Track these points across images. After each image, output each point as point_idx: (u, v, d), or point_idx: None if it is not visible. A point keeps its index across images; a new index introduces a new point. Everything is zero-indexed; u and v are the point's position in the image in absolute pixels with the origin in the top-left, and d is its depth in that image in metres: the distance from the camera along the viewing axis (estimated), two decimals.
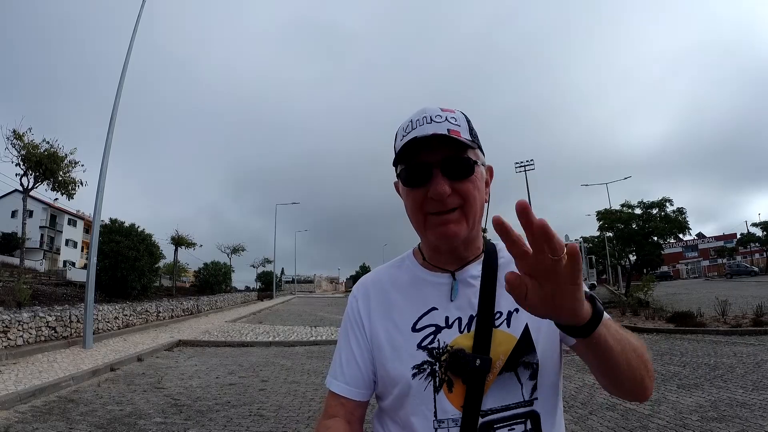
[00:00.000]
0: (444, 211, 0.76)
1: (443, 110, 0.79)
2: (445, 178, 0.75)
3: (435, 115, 0.77)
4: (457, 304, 0.80)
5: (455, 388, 0.74)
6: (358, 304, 0.88)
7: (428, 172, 0.75)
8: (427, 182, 0.75)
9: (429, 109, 0.79)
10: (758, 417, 4.05)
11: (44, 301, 11.34)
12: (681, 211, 19.07)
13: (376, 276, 0.92)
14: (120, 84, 10.74)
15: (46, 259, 39.07)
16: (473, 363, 0.73)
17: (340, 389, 0.84)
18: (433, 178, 0.75)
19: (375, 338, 0.83)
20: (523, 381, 0.75)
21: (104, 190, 10.16)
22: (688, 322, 10.67)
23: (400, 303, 0.84)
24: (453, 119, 0.78)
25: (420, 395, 0.76)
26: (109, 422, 4.48)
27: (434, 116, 0.77)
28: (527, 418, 0.74)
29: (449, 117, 0.78)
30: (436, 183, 0.74)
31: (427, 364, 0.76)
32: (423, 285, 0.85)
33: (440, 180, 0.74)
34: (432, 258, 0.86)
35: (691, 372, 6.09)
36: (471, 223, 0.78)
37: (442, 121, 0.76)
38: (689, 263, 62.69)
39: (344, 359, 0.86)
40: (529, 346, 0.76)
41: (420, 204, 0.77)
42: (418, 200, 0.77)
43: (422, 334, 0.79)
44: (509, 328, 0.78)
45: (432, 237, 0.79)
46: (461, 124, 0.78)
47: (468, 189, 0.76)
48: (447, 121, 0.77)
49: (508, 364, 0.75)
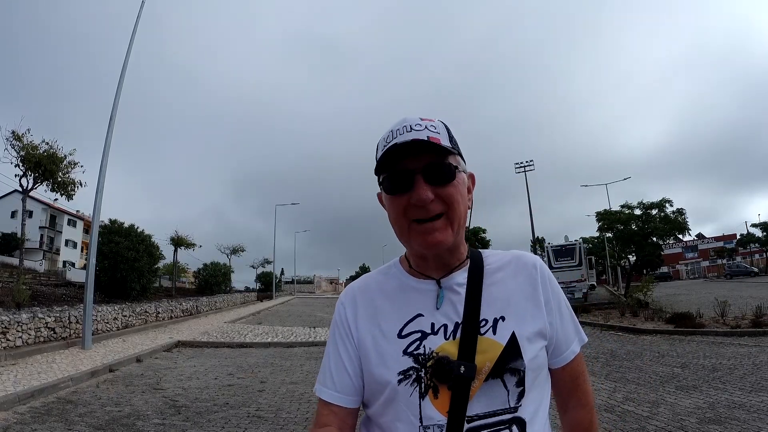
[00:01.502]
0: (428, 218, 0.77)
1: (423, 119, 0.80)
2: (428, 184, 0.76)
3: (415, 124, 0.79)
4: (443, 312, 0.81)
5: (441, 395, 0.74)
6: (346, 310, 0.88)
7: (410, 179, 0.76)
8: (410, 189, 0.76)
9: (409, 119, 0.80)
10: (756, 419, 4.05)
11: (43, 301, 11.35)
12: (680, 211, 19.11)
13: (364, 283, 0.92)
14: (119, 84, 10.75)
15: (45, 259, 39.07)
16: (458, 370, 0.74)
17: (330, 397, 0.83)
18: (415, 184, 0.76)
19: (362, 344, 0.83)
20: (510, 387, 0.76)
21: (104, 191, 10.17)
22: (687, 323, 10.68)
23: (387, 309, 0.85)
24: (433, 127, 0.79)
25: (406, 401, 0.76)
26: (107, 423, 4.48)
27: (414, 125, 0.78)
28: (513, 423, 0.75)
29: (429, 125, 0.79)
30: (418, 189, 0.75)
31: (413, 370, 0.77)
32: (409, 292, 0.85)
33: (423, 186, 0.75)
34: (418, 265, 0.86)
35: (690, 373, 6.09)
36: (456, 229, 0.79)
37: (422, 129, 0.77)
38: (689, 264, 62.71)
39: (333, 366, 0.85)
40: (515, 353, 0.77)
41: (403, 211, 0.78)
42: (400, 207, 0.78)
43: (408, 340, 0.79)
44: (495, 335, 0.78)
45: (416, 245, 0.80)
46: (441, 132, 0.79)
47: (451, 194, 0.77)
48: (427, 129, 0.78)
49: (494, 370, 0.75)
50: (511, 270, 0.87)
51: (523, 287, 0.85)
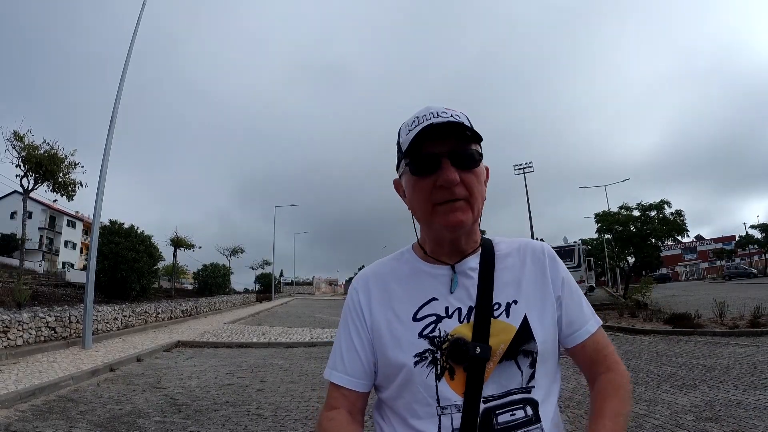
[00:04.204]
0: (451, 200, 0.78)
1: (447, 108, 0.82)
2: (453, 167, 0.78)
3: (440, 111, 0.81)
4: (457, 295, 0.83)
5: (456, 376, 0.76)
6: (359, 295, 0.89)
7: (437, 162, 0.78)
8: (436, 171, 0.78)
9: (434, 107, 0.82)
10: (752, 417, 4.08)
11: (44, 301, 11.37)
12: (679, 213, 19.13)
13: (377, 268, 0.93)
14: (120, 86, 10.79)
15: (44, 260, 39.03)
16: (473, 351, 0.75)
17: (341, 380, 0.85)
18: (442, 166, 0.77)
19: (376, 328, 0.85)
20: (523, 369, 0.78)
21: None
22: (685, 323, 10.69)
23: (401, 294, 0.86)
24: (457, 116, 0.81)
25: (422, 383, 0.77)
26: (108, 421, 4.50)
27: (440, 112, 0.80)
28: (527, 404, 0.77)
29: (453, 114, 0.81)
30: (446, 170, 0.77)
31: (428, 352, 0.78)
32: (423, 277, 0.87)
33: (450, 168, 0.77)
34: (433, 251, 0.87)
35: (688, 373, 6.12)
36: (475, 214, 0.81)
37: (448, 117, 0.79)
38: (688, 265, 62.72)
39: (345, 350, 0.86)
40: (528, 336, 0.79)
41: (428, 194, 0.80)
42: (426, 190, 0.80)
43: (423, 323, 0.81)
44: (508, 318, 0.80)
45: (439, 225, 0.81)
46: (465, 121, 0.81)
47: (473, 180, 0.80)
48: (452, 117, 0.80)
49: (508, 352, 0.77)
50: (520, 256, 0.89)
51: (533, 272, 0.87)
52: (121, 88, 10.79)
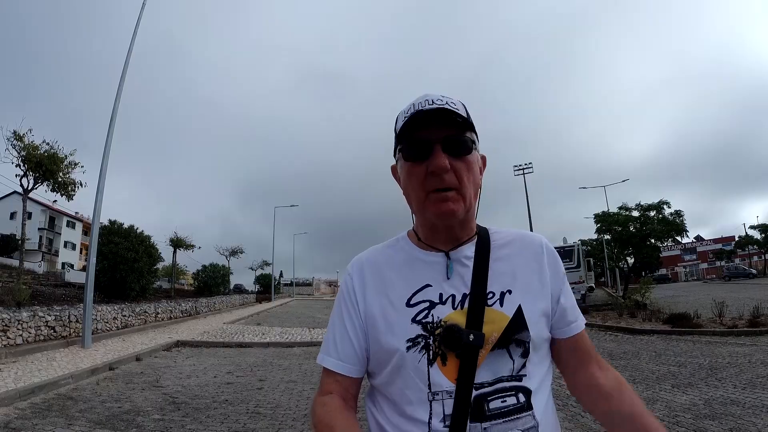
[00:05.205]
0: (442, 188, 0.79)
1: (444, 96, 0.83)
2: (445, 154, 0.78)
3: (436, 98, 0.81)
4: (451, 283, 0.83)
5: (449, 362, 0.76)
6: (353, 281, 0.89)
7: (429, 148, 0.79)
8: (428, 157, 0.79)
9: (431, 94, 0.82)
10: (750, 414, 4.10)
11: (43, 301, 11.35)
12: (678, 213, 19.16)
13: (371, 254, 0.93)
14: (120, 86, 10.82)
15: (44, 261, 39.01)
16: (467, 337, 0.75)
17: (334, 365, 0.85)
18: (433, 152, 0.78)
19: (369, 314, 0.85)
20: (515, 357, 0.78)
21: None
22: (684, 323, 10.72)
23: (395, 280, 0.86)
24: (453, 104, 0.81)
25: (414, 368, 0.77)
26: (107, 419, 4.51)
27: (435, 99, 0.81)
28: (518, 391, 0.77)
29: (449, 102, 0.81)
30: (437, 156, 0.78)
31: (421, 337, 0.78)
32: (417, 263, 0.87)
33: (441, 154, 0.78)
34: (428, 238, 0.88)
35: (686, 371, 6.13)
36: (468, 203, 0.82)
37: (443, 104, 0.80)
38: (687, 266, 62.70)
39: (338, 336, 0.87)
40: (521, 325, 0.79)
41: (421, 181, 0.80)
42: (419, 176, 0.80)
43: (416, 309, 0.81)
44: (502, 307, 0.80)
45: (430, 213, 0.82)
46: (460, 109, 0.81)
47: (465, 168, 0.80)
48: (447, 104, 0.80)
49: (500, 340, 0.77)
50: (517, 246, 0.89)
51: (529, 263, 0.87)
52: (121, 87, 10.82)
